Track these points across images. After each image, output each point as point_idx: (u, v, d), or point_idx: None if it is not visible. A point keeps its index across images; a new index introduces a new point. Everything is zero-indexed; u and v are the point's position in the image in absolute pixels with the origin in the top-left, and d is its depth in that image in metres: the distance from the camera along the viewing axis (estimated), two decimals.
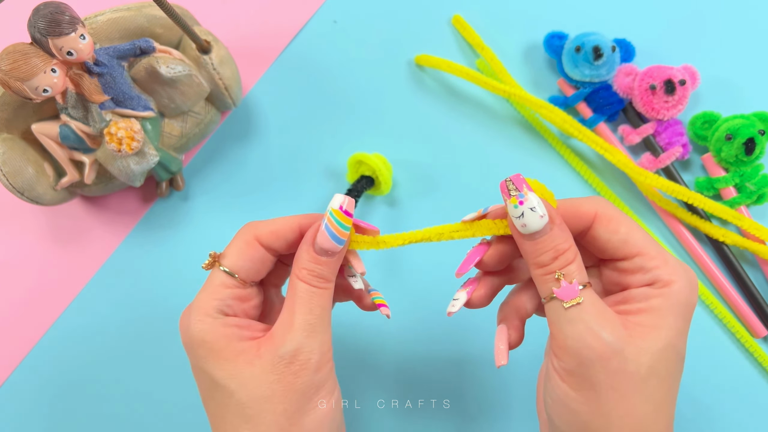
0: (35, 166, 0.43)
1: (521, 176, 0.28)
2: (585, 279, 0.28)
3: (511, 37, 0.52)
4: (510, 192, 0.28)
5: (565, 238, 0.28)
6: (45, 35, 0.36)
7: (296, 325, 0.29)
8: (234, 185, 0.49)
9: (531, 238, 0.28)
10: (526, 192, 0.28)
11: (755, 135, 0.45)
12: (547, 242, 0.28)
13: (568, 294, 0.27)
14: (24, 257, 0.48)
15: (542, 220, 0.28)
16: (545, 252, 0.28)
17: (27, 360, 0.46)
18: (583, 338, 0.27)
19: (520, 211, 0.28)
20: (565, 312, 0.27)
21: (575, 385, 0.28)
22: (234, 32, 0.52)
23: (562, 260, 0.28)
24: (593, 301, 0.28)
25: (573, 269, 0.28)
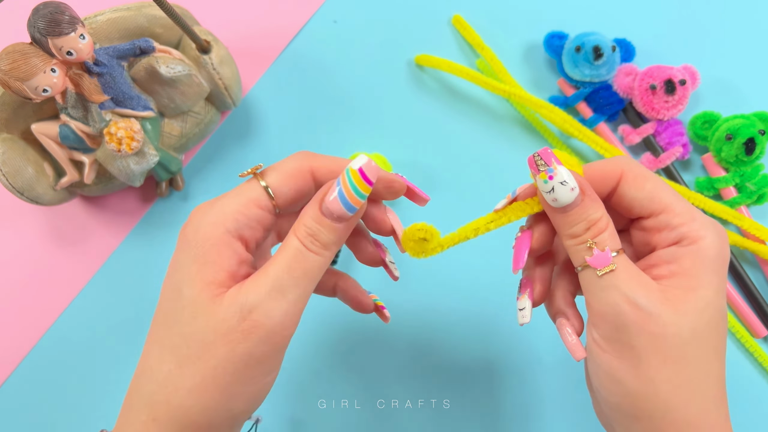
0: (35, 166, 0.43)
1: (549, 150, 0.28)
2: (618, 245, 0.27)
3: (511, 37, 0.52)
4: (539, 167, 0.27)
5: (597, 208, 0.28)
6: (45, 35, 0.36)
7: (266, 279, 0.26)
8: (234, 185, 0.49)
9: (563, 211, 0.28)
10: (555, 166, 0.27)
11: (755, 135, 0.45)
12: (579, 213, 0.27)
13: (601, 261, 0.27)
14: (24, 257, 0.48)
15: (573, 192, 0.27)
16: (578, 223, 0.28)
17: (27, 360, 0.46)
18: (618, 304, 0.26)
19: (551, 186, 0.27)
20: (599, 279, 0.27)
21: (616, 353, 0.27)
22: (234, 32, 0.52)
23: (594, 230, 0.27)
24: (627, 266, 0.27)
25: (605, 237, 0.27)
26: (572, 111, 0.50)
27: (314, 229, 0.27)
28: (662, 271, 0.27)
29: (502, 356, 0.45)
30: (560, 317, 0.31)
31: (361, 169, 0.26)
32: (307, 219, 0.27)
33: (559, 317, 0.31)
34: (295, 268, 0.26)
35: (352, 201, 0.26)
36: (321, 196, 0.27)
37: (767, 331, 0.45)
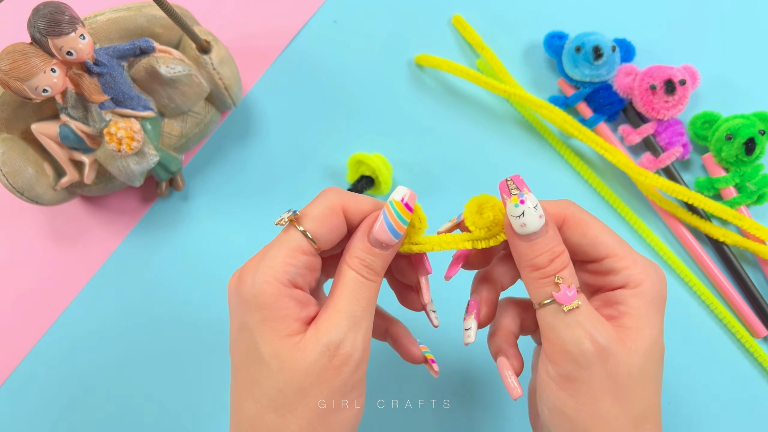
0: (35, 166, 0.43)
1: (521, 176, 0.29)
2: (578, 284, 0.28)
3: (511, 37, 0.52)
4: (511, 191, 0.28)
5: (559, 241, 0.28)
6: (45, 35, 0.36)
7: (341, 314, 0.27)
8: (234, 185, 0.49)
9: (527, 239, 0.28)
10: (527, 192, 0.28)
11: (755, 135, 0.45)
12: (543, 243, 0.28)
13: (567, 298, 0.27)
14: (24, 257, 0.48)
15: (541, 220, 0.28)
16: (542, 254, 0.28)
17: (27, 360, 0.46)
18: (581, 342, 0.27)
19: (521, 210, 0.28)
20: (564, 316, 0.27)
21: (572, 391, 0.28)
22: (234, 32, 0.52)
23: (558, 263, 0.28)
24: (587, 304, 0.28)
25: (568, 273, 0.28)
26: (572, 111, 0.50)
27: (367, 259, 0.29)
28: (613, 312, 0.29)
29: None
30: (501, 356, 0.32)
31: (403, 199, 0.29)
32: (358, 251, 0.29)
33: (500, 356, 0.32)
34: (362, 298, 0.28)
35: (398, 228, 0.29)
36: (366, 229, 0.29)
37: (767, 331, 0.45)
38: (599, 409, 0.27)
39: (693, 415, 0.44)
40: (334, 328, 0.27)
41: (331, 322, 0.27)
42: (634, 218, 0.47)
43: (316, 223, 0.28)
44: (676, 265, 0.46)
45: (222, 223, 0.48)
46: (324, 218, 0.29)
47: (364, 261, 0.28)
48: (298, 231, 0.28)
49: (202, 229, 0.48)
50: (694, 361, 0.45)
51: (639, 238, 0.47)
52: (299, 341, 0.27)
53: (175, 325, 0.46)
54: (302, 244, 0.28)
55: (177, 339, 0.46)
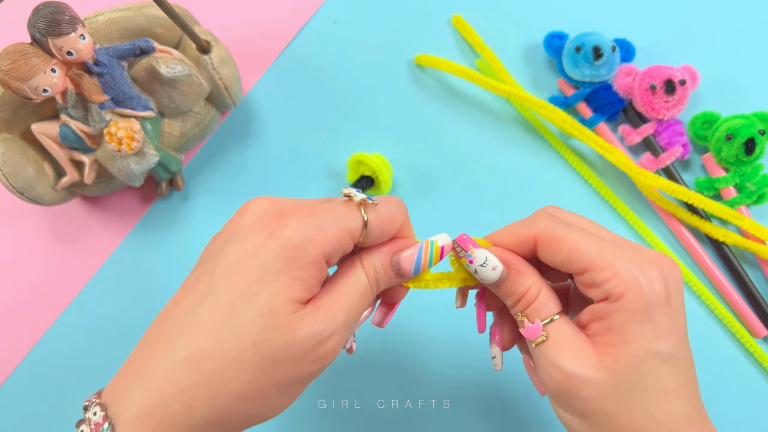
0: (35, 166, 0.43)
1: (465, 235, 0.30)
2: (553, 310, 0.29)
3: (511, 37, 0.52)
4: (459, 254, 0.30)
5: (524, 280, 0.29)
6: (45, 35, 0.36)
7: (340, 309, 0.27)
8: (234, 185, 0.49)
9: (494, 287, 0.30)
10: (472, 250, 0.29)
11: (755, 135, 0.45)
12: (507, 288, 0.29)
13: (533, 333, 0.28)
14: (24, 257, 0.48)
15: (495, 272, 0.29)
16: (508, 297, 0.29)
17: (27, 360, 0.46)
18: (549, 373, 0.28)
19: (473, 269, 0.29)
20: (535, 349, 0.29)
21: (567, 411, 0.28)
22: (234, 32, 0.52)
23: (523, 302, 0.29)
24: (560, 333, 0.28)
25: (535, 308, 0.29)
26: (572, 111, 0.50)
27: (381, 275, 0.29)
28: (596, 328, 0.28)
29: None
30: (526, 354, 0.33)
31: (443, 248, 0.29)
32: (377, 263, 0.29)
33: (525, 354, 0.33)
34: (362, 304, 0.28)
35: (422, 268, 0.29)
36: (395, 249, 0.29)
37: (767, 331, 0.45)
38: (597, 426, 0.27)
39: None
40: (330, 319, 0.26)
41: (329, 313, 0.26)
42: (634, 218, 0.47)
43: (379, 223, 0.28)
44: None
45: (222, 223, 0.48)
46: (387, 223, 0.29)
47: (378, 273, 0.29)
48: (361, 217, 0.27)
49: (202, 229, 0.48)
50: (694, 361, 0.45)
51: (639, 238, 0.47)
52: (297, 310, 0.26)
53: None
54: (356, 230, 0.27)
55: None
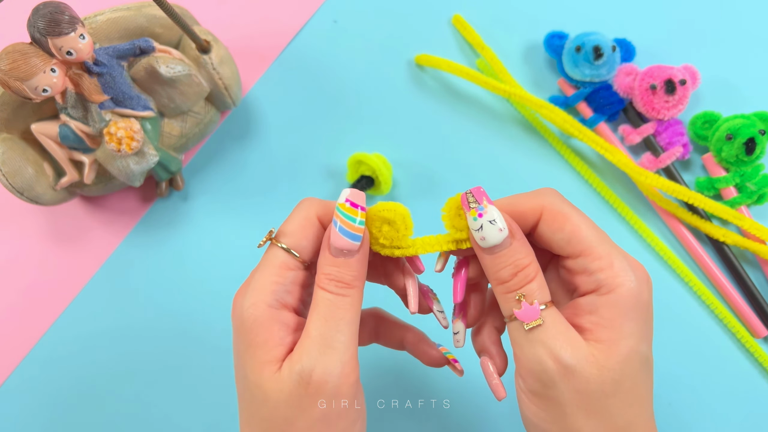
0: (35, 166, 0.43)
1: (482, 189, 0.28)
2: (546, 297, 0.27)
3: (511, 37, 0.52)
4: (470, 204, 0.28)
5: (526, 253, 0.27)
6: (44, 35, 0.36)
7: (311, 339, 0.26)
8: (234, 185, 0.49)
9: (491, 252, 0.27)
10: (486, 204, 0.27)
11: (756, 135, 0.45)
12: (506, 256, 0.27)
13: (529, 315, 0.27)
14: (23, 257, 0.48)
15: (501, 234, 0.27)
16: (505, 267, 0.27)
17: (26, 360, 0.46)
18: (543, 360, 0.26)
19: (479, 224, 0.27)
20: (527, 333, 0.27)
21: (542, 405, 0.27)
22: (234, 32, 0.52)
23: (521, 277, 0.27)
24: (554, 321, 0.27)
25: (533, 288, 0.27)
26: (572, 111, 0.50)
27: (333, 272, 0.27)
28: (585, 322, 0.27)
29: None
30: (484, 355, 0.31)
31: (348, 200, 0.28)
32: (323, 267, 0.28)
33: (482, 355, 0.31)
34: (332, 317, 0.27)
35: (352, 229, 0.27)
36: (326, 242, 0.28)
37: (767, 331, 0.45)
38: (572, 424, 0.26)
39: (693, 415, 0.44)
40: (305, 355, 0.26)
41: (302, 350, 0.26)
42: (634, 218, 0.47)
43: (295, 237, 0.28)
44: (676, 265, 0.46)
45: (222, 223, 0.48)
46: (301, 230, 0.28)
47: (330, 275, 0.27)
48: (280, 248, 0.28)
49: (202, 229, 0.48)
50: (694, 361, 0.45)
51: (639, 238, 0.47)
52: (277, 370, 0.26)
53: (175, 325, 0.46)
54: (285, 260, 0.28)
55: (176, 339, 0.46)
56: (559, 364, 0.26)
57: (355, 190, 0.28)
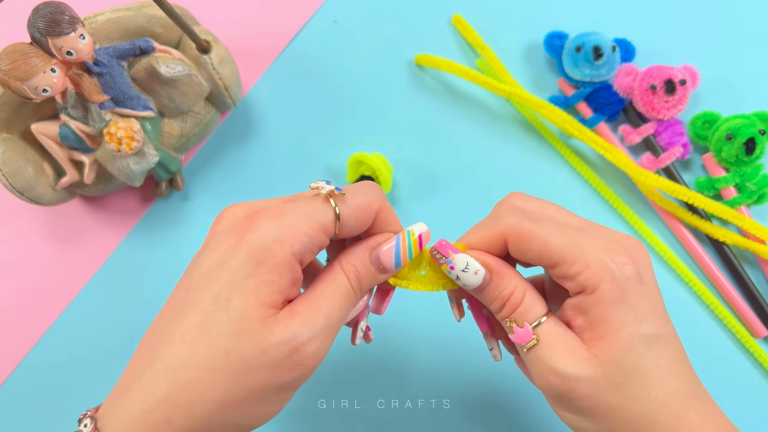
0: (35, 166, 0.43)
1: (444, 241, 0.29)
2: (538, 313, 0.28)
3: (511, 37, 0.52)
4: (439, 261, 0.29)
5: (507, 283, 0.28)
6: (44, 35, 0.36)
7: (318, 314, 0.26)
8: (234, 185, 0.49)
9: (477, 292, 0.29)
10: (452, 256, 0.28)
11: (756, 135, 0.45)
12: (491, 293, 0.28)
13: (523, 338, 0.27)
14: (23, 257, 0.48)
15: (477, 276, 0.28)
16: (492, 301, 0.29)
17: (27, 360, 0.46)
18: (545, 377, 0.27)
19: (455, 275, 0.28)
20: (526, 354, 0.28)
21: (571, 413, 0.28)
22: (234, 32, 0.52)
23: (509, 306, 0.28)
24: (550, 334, 0.27)
25: (522, 311, 0.28)
26: (572, 111, 0.50)
27: (362, 273, 0.28)
28: (581, 323, 0.27)
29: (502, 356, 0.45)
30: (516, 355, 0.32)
31: (420, 236, 0.29)
32: (357, 261, 0.28)
33: None
34: (344, 308, 0.27)
35: (403, 259, 0.29)
36: (373, 244, 0.29)
37: (767, 331, 0.45)
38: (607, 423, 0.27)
39: None
40: (307, 324, 0.25)
41: (306, 318, 0.25)
42: (634, 218, 0.47)
43: (352, 213, 0.27)
44: (676, 265, 0.46)
45: None
46: (361, 211, 0.28)
47: (359, 272, 0.28)
48: (332, 209, 0.27)
49: (202, 229, 0.48)
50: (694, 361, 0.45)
51: (639, 238, 0.47)
52: (271, 315, 0.25)
53: None
54: (328, 224, 0.27)
55: None
56: (560, 378, 0.26)
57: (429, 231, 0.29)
